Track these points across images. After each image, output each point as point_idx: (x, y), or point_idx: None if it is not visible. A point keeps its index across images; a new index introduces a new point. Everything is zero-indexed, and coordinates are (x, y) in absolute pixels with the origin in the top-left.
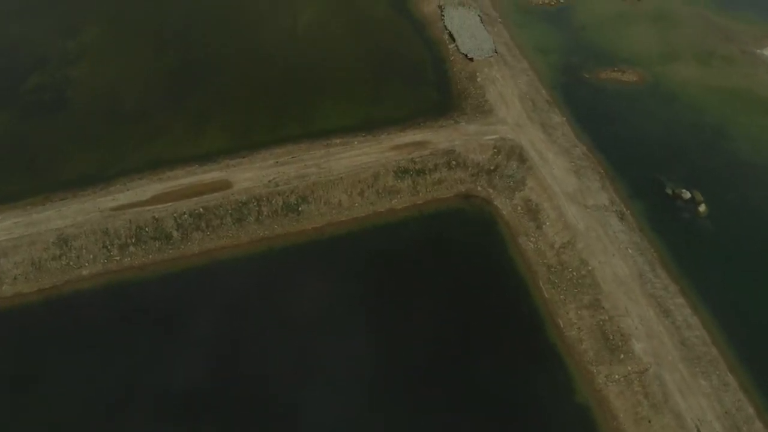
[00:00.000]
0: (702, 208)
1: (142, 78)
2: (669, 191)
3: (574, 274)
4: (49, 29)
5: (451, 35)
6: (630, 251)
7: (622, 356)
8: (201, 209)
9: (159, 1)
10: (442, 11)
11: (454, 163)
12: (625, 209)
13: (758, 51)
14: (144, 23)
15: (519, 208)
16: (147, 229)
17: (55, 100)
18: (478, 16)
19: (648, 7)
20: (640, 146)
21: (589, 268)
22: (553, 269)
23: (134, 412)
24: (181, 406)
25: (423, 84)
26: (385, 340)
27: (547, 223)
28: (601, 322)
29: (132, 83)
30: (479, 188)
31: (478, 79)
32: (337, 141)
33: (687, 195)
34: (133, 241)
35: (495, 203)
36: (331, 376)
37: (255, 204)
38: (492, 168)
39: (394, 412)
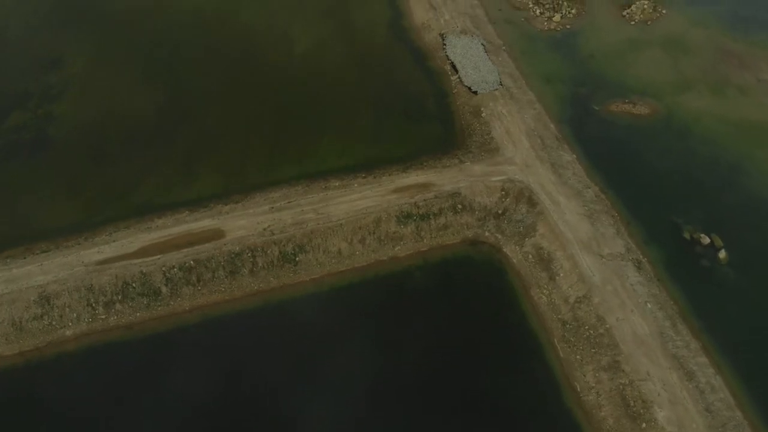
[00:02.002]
0: (722, 254)
1: (128, 114)
2: (687, 236)
3: (591, 332)
4: (31, 61)
5: (453, 66)
6: (649, 305)
7: (644, 425)
8: (191, 262)
9: (146, 31)
10: (443, 40)
11: (459, 206)
12: (641, 257)
13: None
14: (130, 54)
15: (530, 256)
16: (134, 284)
17: (36, 140)
18: (482, 44)
19: (658, 32)
20: (655, 185)
21: (607, 326)
22: (568, 326)
23: None
24: None
25: (425, 119)
26: (389, 401)
27: (561, 275)
28: (621, 387)
29: (118, 120)
30: (487, 234)
31: (483, 115)
32: (336, 183)
33: (706, 240)
34: (120, 297)
35: (504, 250)
36: None
37: (249, 255)
38: (500, 212)
39: None
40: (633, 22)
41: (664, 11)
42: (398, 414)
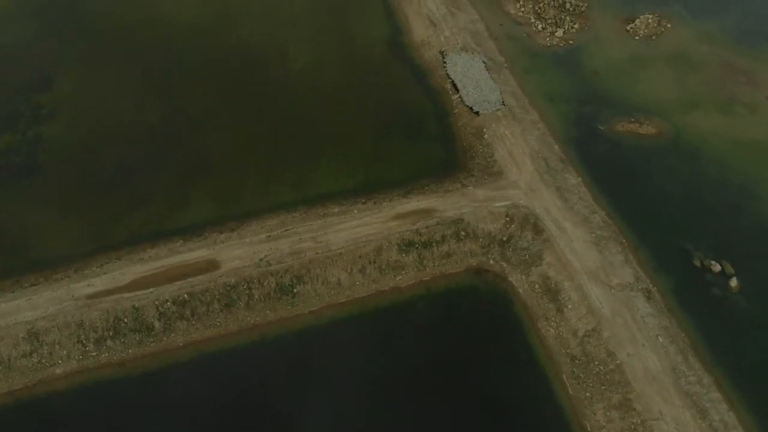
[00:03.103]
0: (734, 282)
1: (120, 136)
2: (697, 263)
3: (601, 368)
4: (20, 80)
5: (454, 85)
6: (660, 339)
7: None
8: (185, 295)
9: (139, 49)
10: (444, 57)
11: (463, 233)
12: (651, 286)
13: None
14: (123, 73)
15: (537, 286)
16: (126, 319)
17: (26, 165)
18: (483, 62)
19: (663, 47)
20: (663, 209)
21: (618, 361)
22: (577, 361)
23: None
24: None
25: (425, 140)
26: None
27: (569, 306)
28: (632, 427)
29: (109, 142)
30: (491, 262)
31: (486, 136)
32: (335, 209)
33: (716, 267)
34: (111, 334)
35: (510, 279)
36: None
37: (245, 287)
38: (505, 239)
39: None
40: (637, 37)
41: (668, 25)
42: None
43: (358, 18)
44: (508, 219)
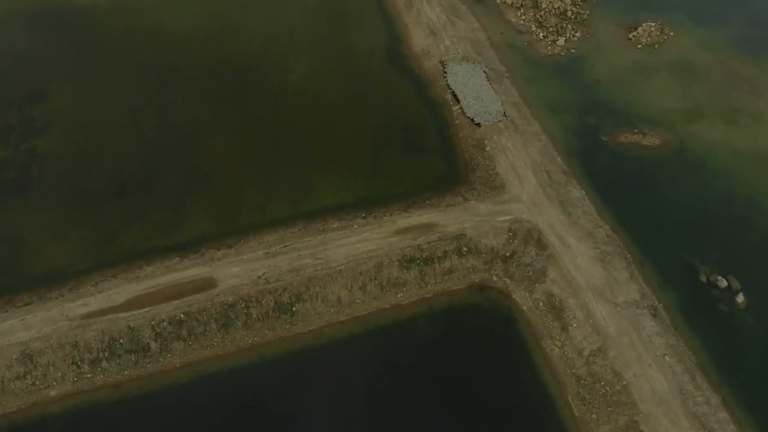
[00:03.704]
0: (740, 298)
1: (115, 150)
2: (703, 278)
3: (607, 389)
4: (13, 92)
5: (454, 95)
6: (667, 359)
7: None
8: (182, 315)
9: (135, 61)
10: (444, 67)
11: (465, 249)
12: (657, 303)
13: None
14: (117, 86)
15: (541, 304)
16: (121, 340)
17: (19, 180)
18: (484, 72)
19: (666, 56)
20: (668, 222)
21: (624, 382)
22: (582, 381)
23: None
24: None
25: (426, 152)
26: None
27: (574, 325)
28: None
29: (104, 156)
30: (495, 278)
31: (487, 149)
32: (335, 224)
33: (723, 283)
34: (106, 355)
35: (513, 296)
36: None
37: (243, 306)
38: (508, 254)
39: None
40: (640, 46)
41: (671, 33)
42: None
43: (356, 27)
44: (511, 234)
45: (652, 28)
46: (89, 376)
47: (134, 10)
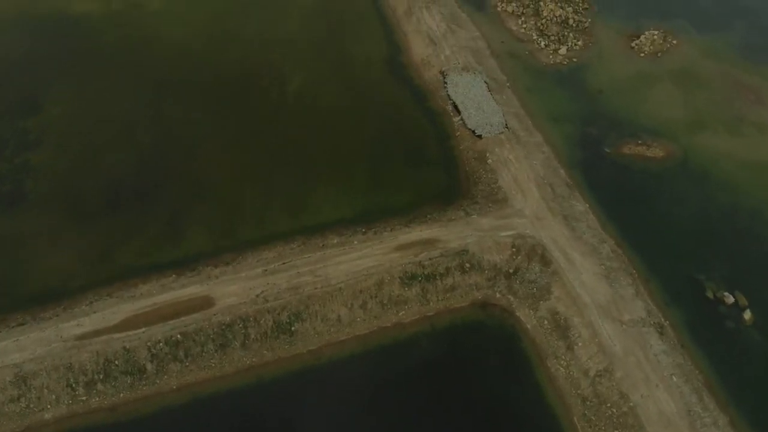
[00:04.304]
0: (747, 315)
1: (110, 163)
2: (710, 294)
3: (614, 410)
4: (6, 104)
5: (455, 106)
6: (675, 379)
7: None
8: (178, 335)
9: (130, 71)
10: (444, 77)
11: (467, 265)
12: (663, 320)
13: None
14: (113, 97)
15: (545, 322)
16: (117, 362)
17: (13, 193)
18: (485, 82)
19: (669, 65)
20: (673, 236)
21: (631, 404)
22: (588, 403)
23: None
24: None
25: (426, 165)
26: None
27: (579, 344)
28: None
29: (99, 170)
30: (498, 295)
31: (489, 161)
32: (335, 240)
33: (730, 299)
34: (101, 377)
35: (517, 314)
36: None
37: (241, 325)
38: (511, 271)
39: None
40: (642, 54)
41: (674, 41)
42: None
43: (355, 36)
44: (514, 250)
45: (655, 37)
46: (84, 398)
47: (130, 18)
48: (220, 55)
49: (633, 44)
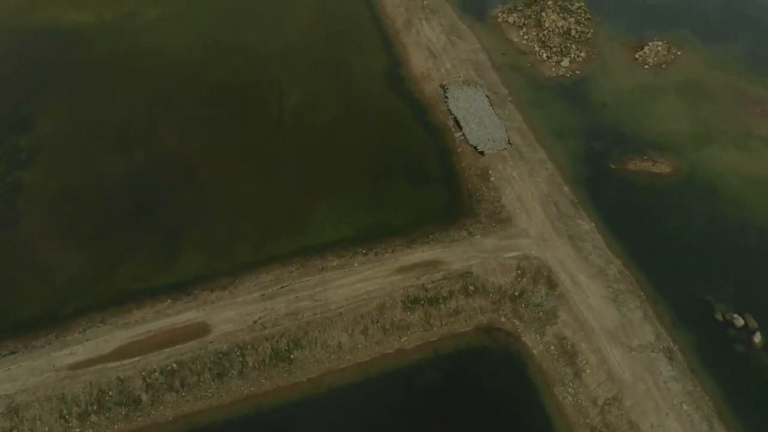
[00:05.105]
0: (757, 338)
1: (104, 183)
2: (719, 316)
3: None
4: None
5: (456, 121)
6: (685, 407)
7: None
8: (174, 364)
9: (125, 86)
10: (445, 92)
11: (471, 288)
12: (672, 345)
13: None
14: (106, 115)
15: (552, 347)
16: (111, 392)
17: (4, 215)
18: (486, 96)
19: (673, 77)
20: (680, 256)
21: None
22: None
23: None
24: None
25: (428, 182)
26: None
27: (587, 371)
28: None
29: (93, 190)
30: (503, 319)
31: (492, 179)
32: (334, 262)
33: (740, 321)
34: (95, 408)
35: (523, 339)
36: None
37: (238, 353)
38: (516, 294)
39: None
40: (647, 66)
41: (678, 52)
42: None
43: (354, 49)
44: (519, 272)
45: (659, 48)
46: (77, 430)
47: (124, 32)
48: (216, 69)
49: (637, 55)
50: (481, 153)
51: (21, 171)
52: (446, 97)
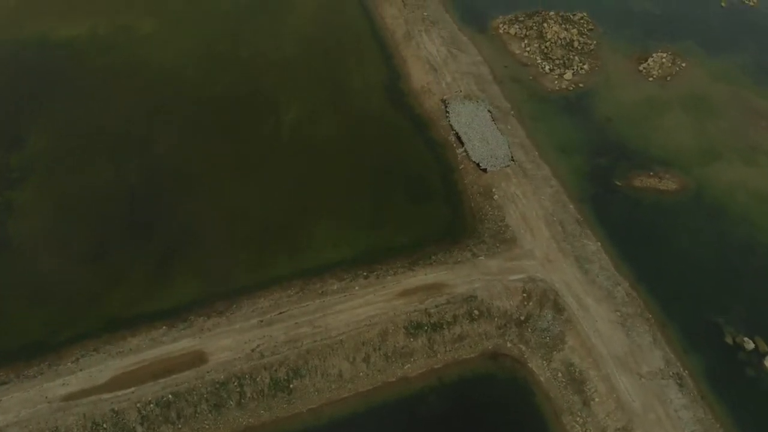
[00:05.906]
0: None
1: (97, 203)
2: (729, 340)
3: None
4: None
5: (458, 137)
6: None
7: None
8: (170, 395)
9: (119, 102)
10: (446, 106)
11: (476, 312)
12: (682, 370)
13: None
14: (99, 130)
15: (560, 374)
16: (105, 425)
17: None
18: (488, 111)
19: (678, 89)
20: (688, 276)
21: None
22: None
23: None
24: None
25: (430, 200)
26: None
27: (596, 400)
28: None
29: (86, 211)
30: (509, 344)
31: (495, 197)
32: (334, 285)
33: (750, 344)
34: None
35: (530, 365)
36: None
37: (236, 383)
38: (522, 318)
39: None
40: (651, 78)
41: (683, 64)
42: None
43: (353, 63)
44: (525, 295)
45: (663, 59)
46: None
47: (118, 44)
48: (212, 84)
49: (641, 67)
50: (484, 170)
51: (12, 191)
52: (447, 112)
